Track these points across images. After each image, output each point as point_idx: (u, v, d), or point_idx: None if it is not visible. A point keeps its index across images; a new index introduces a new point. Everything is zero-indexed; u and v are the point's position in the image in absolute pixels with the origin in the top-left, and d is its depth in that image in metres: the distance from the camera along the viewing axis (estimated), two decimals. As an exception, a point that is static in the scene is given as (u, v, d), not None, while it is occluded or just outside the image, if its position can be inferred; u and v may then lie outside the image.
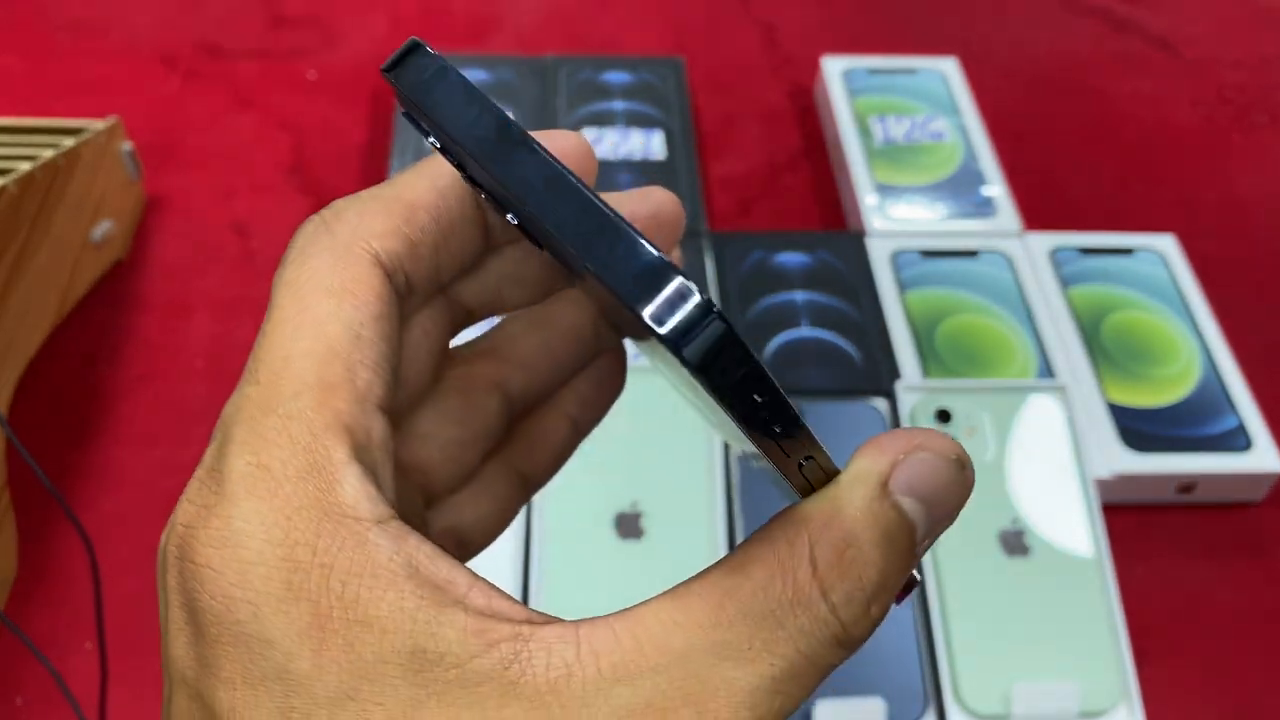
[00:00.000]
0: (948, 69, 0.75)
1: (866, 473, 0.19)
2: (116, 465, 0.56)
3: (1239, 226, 0.72)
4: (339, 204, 0.21)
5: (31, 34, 0.78)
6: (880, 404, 0.56)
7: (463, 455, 0.25)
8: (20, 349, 0.55)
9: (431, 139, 0.20)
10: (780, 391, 0.17)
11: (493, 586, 0.19)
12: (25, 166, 0.54)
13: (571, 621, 0.18)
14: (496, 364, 0.25)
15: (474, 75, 0.72)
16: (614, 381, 0.28)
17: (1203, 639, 0.53)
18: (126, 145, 0.64)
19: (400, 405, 0.23)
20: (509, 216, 0.20)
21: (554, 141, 0.22)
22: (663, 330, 0.16)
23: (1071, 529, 0.52)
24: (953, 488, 0.20)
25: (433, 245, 0.22)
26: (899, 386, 0.56)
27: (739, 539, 0.51)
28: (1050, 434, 0.55)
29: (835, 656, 0.19)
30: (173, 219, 0.68)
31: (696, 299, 0.16)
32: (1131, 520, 0.56)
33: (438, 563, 0.18)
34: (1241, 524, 0.57)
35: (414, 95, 0.18)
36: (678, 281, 0.16)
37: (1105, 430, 0.57)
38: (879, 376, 0.58)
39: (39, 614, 0.51)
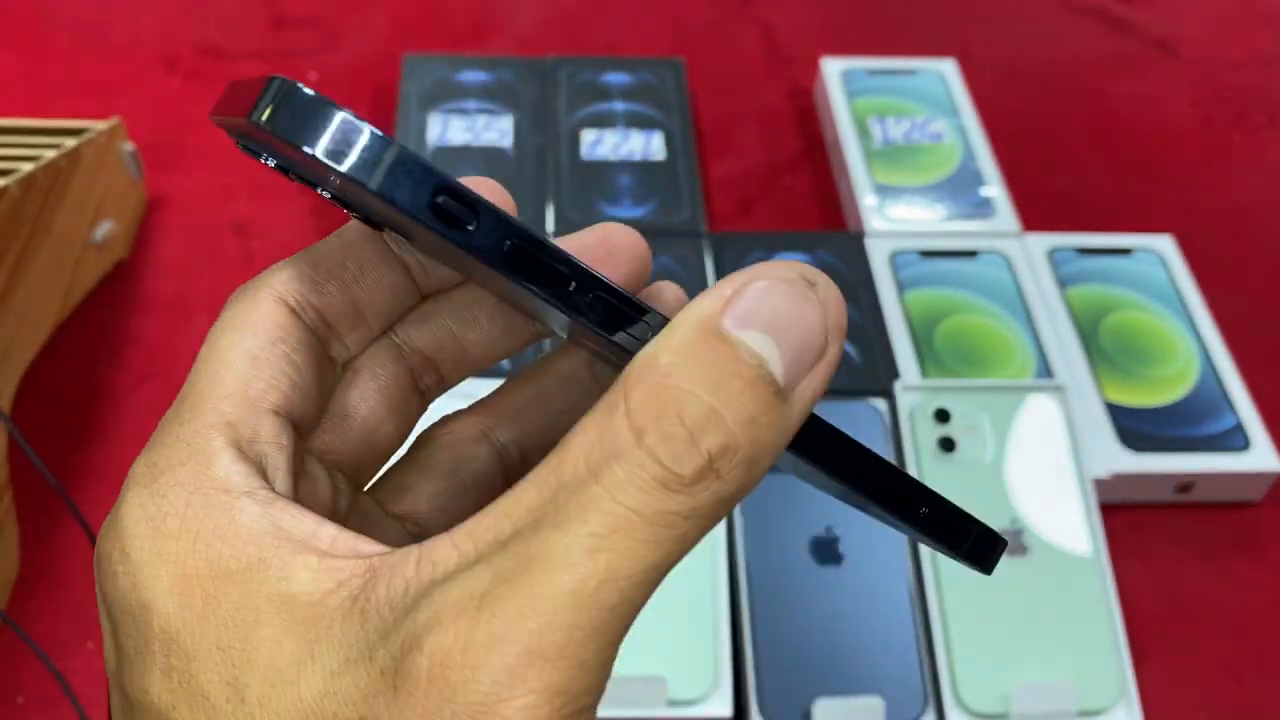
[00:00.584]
0: (946, 70, 0.75)
1: (690, 314, 0.18)
2: (117, 465, 0.56)
3: (1237, 227, 0.72)
4: (267, 269, 0.24)
5: (32, 34, 0.78)
6: (879, 404, 0.56)
7: (454, 506, 0.26)
8: (22, 349, 0.55)
9: (265, 158, 0.21)
10: (459, 183, 0.17)
11: (363, 538, 0.20)
12: (27, 167, 0.54)
13: (420, 543, 0.19)
14: (484, 415, 0.26)
15: (474, 76, 0.72)
16: None
17: (1201, 638, 0.53)
18: (128, 146, 0.64)
19: (355, 442, 0.24)
20: (320, 191, 0.21)
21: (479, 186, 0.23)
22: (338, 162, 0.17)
23: (1070, 528, 0.52)
24: (799, 308, 0.18)
25: (341, 282, 0.23)
26: (898, 386, 0.56)
27: (738, 541, 0.51)
28: (1048, 434, 0.55)
29: (668, 502, 0.18)
30: (174, 219, 0.68)
31: (368, 132, 0.17)
32: (1130, 520, 0.56)
33: (303, 521, 0.19)
34: (1240, 523, 0.57)
35: (240, 129, 0.19)
36: (340, 117, 0.17)
37: (1103, 430, 0.57)
38: (878, 376, 0.58)
39: (40, 613, 0.51)
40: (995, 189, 0.68)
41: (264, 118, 0.17)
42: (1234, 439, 0.57)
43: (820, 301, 0.19)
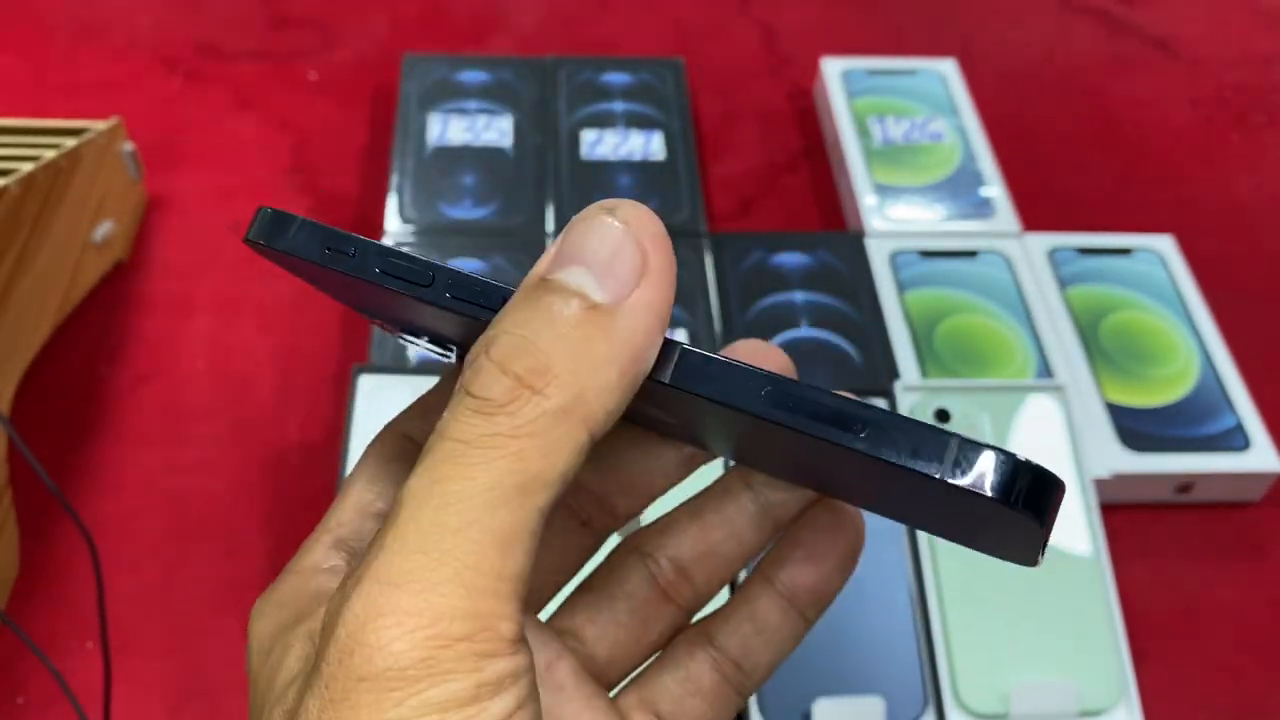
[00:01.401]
0: (946, 70, 0.75)
1: (526, 279, 0.21)
2: (117, 465, 0.56)
3: (1237, 227, 0.72)
4: None
5: (31, 34, 0.78)
6: (879, 404, 0.56)
7: (603, 618, 0.28)
8: (21, 349, 0.55)
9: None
10: (344, 233, 0.22)
11: None
12: (26, 167, 0.54)
13: None
14: (648, 535, 0.29)
15: (474, 76, 0.72)
16: (832, 539, 0.28)
17: (1201, 638, 0.53)
18: (127, 146, 0.64)
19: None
20: (415, 339, 0.25)
21: None
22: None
23: (1070, 528, 0.52)
24: (600, 232, 0.20)
25: None
26: (898, 386, 0.56)
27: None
28: (1049, 434, 0.55)
29: (487, 425, 0.19)
30: (174, 219, 0.68)
31: (274, 213, 0.22)
32: (1130, 520, 0.56)
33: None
34: (1240, 524, 0.57)
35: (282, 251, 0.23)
36: (270, 214, 0.23)
37: (1103, 430, 0.57)
38: (878, 376, 0.58)
39: (40, 613, 0.51)
40: (995, 189, 0.68)
41: (248, 237, 0.22)
42: (1234, 439, 0.57)
43: (621, 220, 0.20)
